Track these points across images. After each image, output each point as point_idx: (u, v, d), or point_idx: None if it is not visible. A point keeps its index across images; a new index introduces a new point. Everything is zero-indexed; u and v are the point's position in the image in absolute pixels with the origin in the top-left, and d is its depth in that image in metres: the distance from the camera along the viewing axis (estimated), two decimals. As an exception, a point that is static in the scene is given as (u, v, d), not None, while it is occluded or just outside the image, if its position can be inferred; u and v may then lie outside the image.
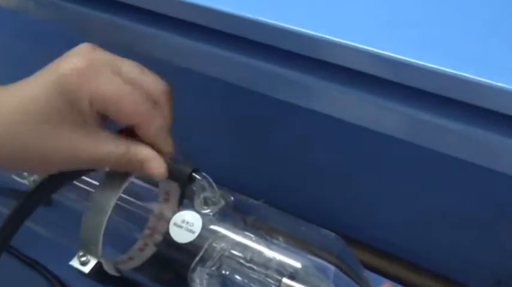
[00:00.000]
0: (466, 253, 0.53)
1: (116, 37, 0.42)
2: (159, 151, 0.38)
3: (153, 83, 0.38)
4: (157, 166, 0.37)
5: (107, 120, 0.38)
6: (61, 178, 0.40)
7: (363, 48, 0.31)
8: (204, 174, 0.39)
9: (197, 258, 0.39)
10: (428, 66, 0.29)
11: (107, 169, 0.40)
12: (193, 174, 0.39)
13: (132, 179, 0.40)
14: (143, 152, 0.37)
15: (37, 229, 0.48)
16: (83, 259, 0.41)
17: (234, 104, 0.57)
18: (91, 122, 0.37)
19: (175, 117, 0.40)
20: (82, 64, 0.35)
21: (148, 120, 0.37)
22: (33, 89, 0.36)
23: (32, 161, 0.38)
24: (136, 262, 0.42)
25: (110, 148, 0.37)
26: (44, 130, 0.36)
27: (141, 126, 0.37)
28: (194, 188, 0.39)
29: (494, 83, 0.28)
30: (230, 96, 0.56)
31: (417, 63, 0.30)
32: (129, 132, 0.38)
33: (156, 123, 0.37)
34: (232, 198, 0.41)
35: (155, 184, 0.43)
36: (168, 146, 0.38)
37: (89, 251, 0.41)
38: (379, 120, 0.34)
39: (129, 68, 0.38)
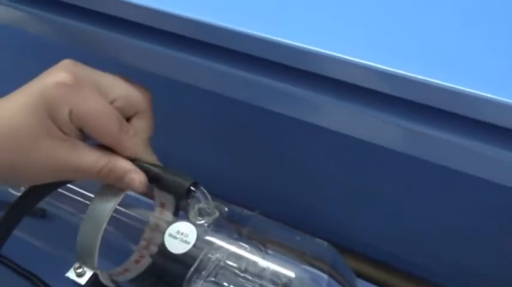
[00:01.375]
0: (461, 263, 0.53)
1: (105, 50, 0.42)
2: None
3: (133, 93, 0.39)
4: (136, 178, 0.38)
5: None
6: (45, 187, 0.41)
7: (358, 61, 0.31)
8: (201, 187, 0.39)
9: (192, 268, 0.39)
10: (424, 80, 0.30)
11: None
12: (192, 188, 0.39)
13: (128, 191, 0.41)
14: (123, 164, 0.38)
15: (33, 241, 0.49)
16: (79, 270, 0.41)
17: (228, 115, 0.58)
18: (72, 134, 0.37)
19: (169, 129, 0.41)
20: (66, 78, 0.36)
21: (120, 143, 0.38)
22: (17, 101, 0.37)
23: (14, 173, 0.38)
24: (132, 274, 0.43)
25: (91, 159, 0.38)
26: (25, 142, 0.37)
27: (115, 148, 0.38)
28: (189, 200, 0.40)
29: (492, 96, 0.28)
30: (225, 107, 0.56)
31: (414, 77, 0.30)
32: None
33: (129, 144, 0.38)
34: (226, 209, 0.42)
35: (150, 195, 0.43)
36: (148, 158, 0.39)
37: (85, 262, 0.41)
38: (376, 133, 0.34)
39: (110, 82, 0.39)
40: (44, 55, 0.61)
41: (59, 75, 0.37)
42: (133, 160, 0.39)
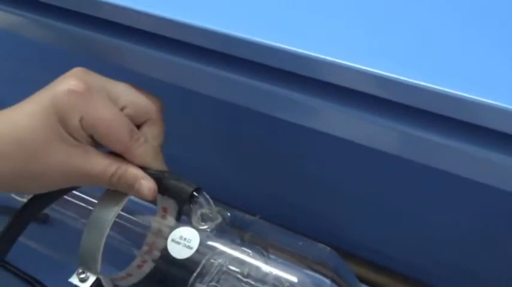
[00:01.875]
0: (462, 267, 0.53)
1: (113, 57, 0.43)
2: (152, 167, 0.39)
3: (143, 100, 0.39)
4: (147, 185, 0.38)
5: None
6: (50, 194, 0.41)
7: (357, 67, 0.32)
8: (203, 192, 0.39)
9: (195, 274, 0.39)
10: (423, 85, 0.30)
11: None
12: (194, 193, 0.39)
13: (131, 197, 0.41)
14: (134, 171, 0.38)
15: (36, 247, 0.49)
16: (82, 275, 0.41)
17: (230, 121, 0.58)
18: (83, 141, 0.37)
19: (173, 135, 0.41)
20: (78, 86, 0.37)
21: (130, 151, 0.38)
22: (27, 109, 0.37)
23: (24, 181, 0.38)
24: (134, 279, 0.43)
25: (102, 166, 0.38)
26: (37, 148, 0.37)
27: (125, 155, 0.39)
28: (192, 205, 0.40)
29: (492, 102, 0.29)
30: (227, 112, 0.56)
31: (412, 82, 0.30)
32: None
33: (139, 152, 0.38)
34: (229, 214, 0.42)
35: (153, 200, 0.43)
36: (157, 165, 0.40)
37: (88, 268, 0.41)
38: (377, 138, 0.35)
39: (120, 89, 0.39)
40: (43, 61, 0.62)
41: (70, 83, 0.37)
42: (143, 168, 0.39)
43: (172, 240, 0.40)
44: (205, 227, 0.40)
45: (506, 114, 0.29)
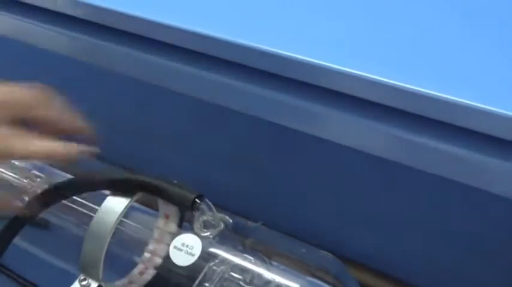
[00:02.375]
0: (464, 273, 0.53)
1: (114, 65, 0.43)
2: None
3: (21, 95, 0.39)
4: (62, 150, 0.39)
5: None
6: (46, 200, 0.42)
7: (362, 75, 0.32)
8: (205, 199, 0.40)
9: (197, 281, 0.39)
10: (420, 91, 0.30)
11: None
12: (197, 200, 0.39)
13: (133, 203, 0.41)
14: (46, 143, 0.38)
15: (38, 253, 0.49)
16: (84, 282, 0.41)
17: (230, 126, 0.58)
18: None
19: (174, 142, 0.41)
20: None
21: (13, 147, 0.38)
22: None
23: None
24: (136, 286, 0.43)
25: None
26: None
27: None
28: (194, 212, 0.40)
29: (487, 107, 0.29)
30: (226, 118, 0.56)
31: (409, 88, 0.30)
32: None
33: (20, 145, 0.38)
34: (231, 220, 0.42)
35: (155, 207, 0.43)
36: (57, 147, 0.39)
37: (89, 274, 0.41)
38: (376, 143, 0.35)
39: None
40: (45, 66, 0.62)
41: None
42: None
43: (175, 247, 0.40)
44: (208, 233, 0.40)
45: (502, 120, 0.29)
